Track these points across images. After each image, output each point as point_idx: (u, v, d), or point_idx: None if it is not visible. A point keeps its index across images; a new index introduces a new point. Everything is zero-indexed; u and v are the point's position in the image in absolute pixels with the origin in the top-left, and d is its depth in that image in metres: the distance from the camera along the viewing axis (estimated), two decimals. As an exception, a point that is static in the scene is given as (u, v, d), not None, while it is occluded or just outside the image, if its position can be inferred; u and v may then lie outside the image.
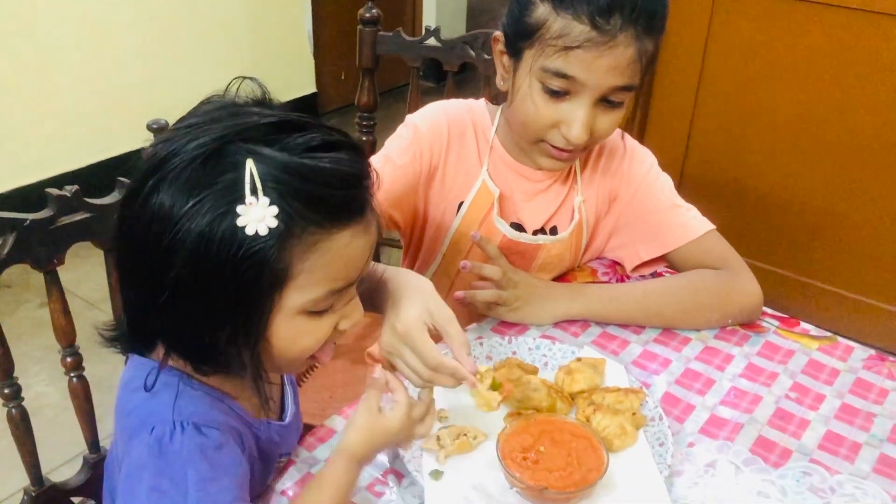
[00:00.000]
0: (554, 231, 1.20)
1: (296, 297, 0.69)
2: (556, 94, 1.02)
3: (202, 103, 0.72)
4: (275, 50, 3.48)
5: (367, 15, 1.58)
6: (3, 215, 0.94)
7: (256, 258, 0.65)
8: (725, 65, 2.33)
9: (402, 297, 0.88)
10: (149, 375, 0.73)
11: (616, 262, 1.27)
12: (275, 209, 0.64)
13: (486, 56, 1.54)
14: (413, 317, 0.86)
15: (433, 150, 1.15)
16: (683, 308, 1.12)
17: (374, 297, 0.93)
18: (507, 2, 1.06)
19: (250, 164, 0.64)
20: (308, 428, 0.94)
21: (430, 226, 1.21)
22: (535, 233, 1.19)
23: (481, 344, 1.04)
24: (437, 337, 0.89)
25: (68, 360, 1.07)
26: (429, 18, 4.12)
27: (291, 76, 3.62)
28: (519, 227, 1.18)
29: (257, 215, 0.64)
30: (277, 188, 0.65)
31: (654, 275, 1.22)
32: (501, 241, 1.17)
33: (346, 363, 1.36)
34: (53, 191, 0.97)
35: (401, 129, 1.17)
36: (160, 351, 0.75)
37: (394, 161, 1.14)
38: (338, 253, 0.69)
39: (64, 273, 1.03)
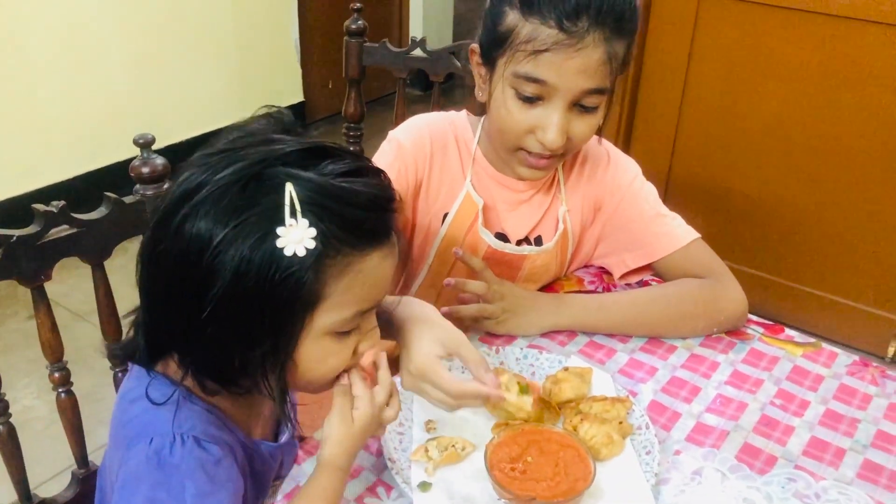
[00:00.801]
0: (539, 241, 1.21)
1: (326, 317, 0.71)
2: (529, 100, 1.03)
3: (226, 131, 0.73)
4: (262, 59, 3.49)
5: (354, 26, 1.59)
6: (-10, 231, 0.95)
7: (293, 279, 0.67)
8: (710, 72, 2.35)
9: (411, 334, 0.89)
10: (149, 386, 0.74)
11: (602, 272, 1.28)
12: (313, 231, 0.67)
13: (472, 66, 1.55)
14: (424, 353, 0.87)
15: (417, 164, 1.16)
16: (670, 317, 1.13)
17: (380, 329, 0.95)
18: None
19: (290, 188, 0.66)
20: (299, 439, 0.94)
21: (416, 237, 1.22)
22: (518, 243, 1.20)
23: (469, 354, 1.04)
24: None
25: (56, 375, 1.07)
26: (415, 28, 4.13)
27: (279, 85, 3.62)
28: (503, 238, 1.19)
29: (297, 237, 0.66)
30: (315, 210, 0.67)
31: (641, 283, 1.23)
32: (486, 251, 1.18)
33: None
34: (40, 206, 0.97)
35: (384, 146, 1.18)
36: (166, 365, 0.76)
37: None
38: (368, 274, 0.72)
39: (51, 284, 1.03)
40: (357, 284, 0.71)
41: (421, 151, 1.16)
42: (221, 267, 0.66)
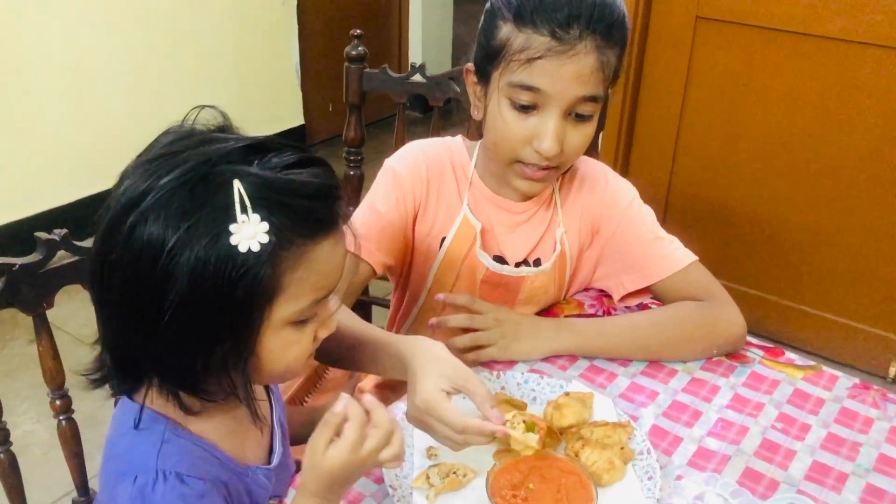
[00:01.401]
0: (538, 263, 1.21)
1: (284, 309, 0.72)
2: (524, 109, 1.04)
3: (162, 135, 0.73)
4: (263, 83, 3.51)
5: (354, 52, 1.60)
6: (-9, 260, 0.95)
7: (251, 275, 0.67)
8: (707, 94, 2.36)
9: (418, 370, 0.90)
10: (130, 414, 0.75)
11: (602, 295, 1.29)
12: (266, 225, 0.67)
13: (471, 91, 1.56)
14: (430, 389, 0.87)
15: (414, 191, 1.17)
16: (669, 340, 1.14)
17: (388, 366, 0.97)
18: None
19: (237, 185, 0.67)
20: (297, 465, 0.94)
21: (416, 263, 1.23)
22: (517, 265, 1.20)
23: (470, 379, 1.04)
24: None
25: (57, 402, 1.07)
26: (414, 52, 4.16)
27: (279, 109, 3.64)
28: (501, 260, 1.20)
29: (249, 233, 0.67)
30: (265, 204, 0.67)
31: (641, 306, 1.23)
32: (484, 273, 1.19)
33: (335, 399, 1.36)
34: (42, 235, 0.98)
35: (380, 176, 1.20)
36: (149, 396, 0.76)
37: (378, 210, 1.16)
38: (322, 262, 0.73)
39: (52, 310, 1.03)
40: (312, 273, 0.72)
41: (417, 178, 1.17)
42: (177, 270, 0.66)
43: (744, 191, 2.39)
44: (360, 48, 1.60)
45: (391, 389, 1.24)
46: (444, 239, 1.19)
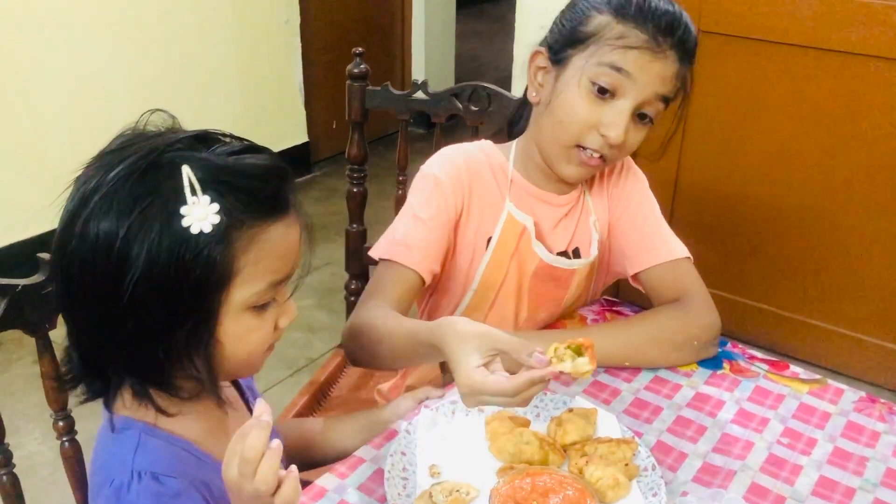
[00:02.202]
0: (577, 252, 1.24)
1: (241, 292, 0.73)
2: (602, 93, 1.09)
3: (115, 138, 0.76)
4: (267, 101, 3.53)
5: (356, 70, 1.61)
6: (-5, 281, 0.95)
7: (204, 256, 0.69)
8: (710, 107, 2.36)
9: (451, 357, 0.91)
10: (113, 420, 0.77)
11: (605, 310, 1.29)
12: (216, 206, 0.69)
13: (473, 107, 1.57)
14: (467, 372, 0.88)
15: (456, 195, 1.19)
16: (648, 334, 1.15)
17: (427, 355, 0.99)
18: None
19: (186, 169, 0.69)
20: (303, 484, 0.93)
21: (459, 265, 1.23)
22: (559, 254, 1.23)
23: (473, 396, 1.04)
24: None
25: (60, 424, 1.06)
26: (418, 69, 4.19)
27: (283, 126, 3.66)
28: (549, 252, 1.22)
29: (200, 214, 0.68)
30: (214, 186, 0.70)
31: (636, 311, 1.25)
32: (537, 266, 1.21)
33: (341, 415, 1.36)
34: (45, 255, 0.98)
35: (419, 182, 1.20)
36: (122, 400, 0.77)
37: (421, 217, 1.17)
38: (275, 244, 0.74)
39: (54, 331, 1.03)
40: (266, 255, 0.73)
41: (458, 181, 1.19)
42: (132, 256, 0.68)
43: (748, 204, 2.39)
44: (361, 66, 1.61)
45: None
46: (490, 239, 1.20)
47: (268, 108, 3.54)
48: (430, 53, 4.18)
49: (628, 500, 0.89)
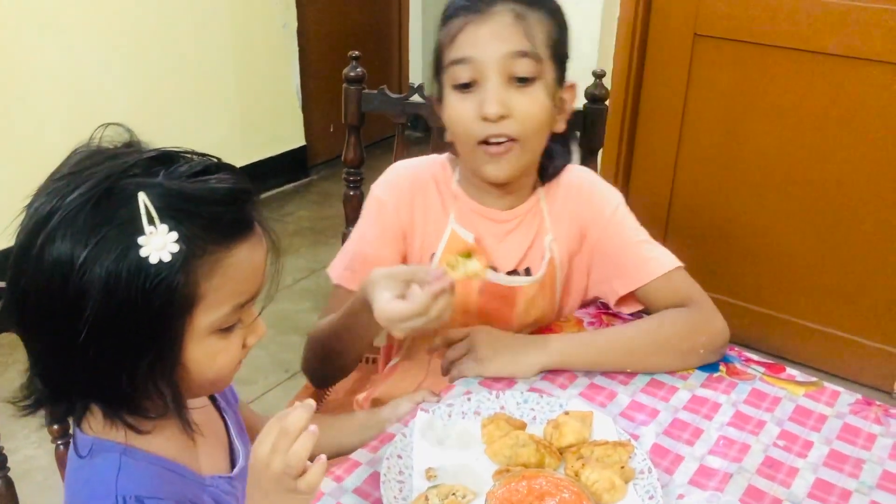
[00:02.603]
0: (528, 272, 1.22)
1: (205, 317, 0.72)
2: (466, 87, 1.09)
3: (71, 155, 0.74)
4: (264, 105, 3.53)
5: (352, 74, 1.61)
6: (-9, 284, 0.95)
7: (164, 285, 0.67)
8: (707, 111, 2.37)
9: (370, 300, 1.01)
10: (81, 444, 0.75)
11: (601, 312, 1.28)
12: (174, 234, 0.68)
13: (469, 111, 1.57)
14: (380, 305, 0.98)
15: (400, 214, 1.20)
16: (654, 340, 1.15)
17: (367, 321, 1.05)
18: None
19: (142, 196, 0.67)
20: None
21: None
22: (508, 273, 1.21)
23: (469, 399, 1.04)
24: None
25: (55, 427, 1.06)
26: (415, 73, 4.19)
27: (280, 130, 3.66)
28: (493, 270, 1.21)
29: (159, 243, 0.67)
30: (172, 214, 0.68)
31: (635, 315, 1.24)
32: (481, 284, 1.19)
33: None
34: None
35: (366, 203, 1.24)
36: (90, 421, 0.76)
37: (367, 239, 1.21)
38: (239, 268, 0.72)
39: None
40: (229, 280, 0.72)
41: (402, 200, 1.21)
42: (89, 287, 0.66)
43: (744, 206, 2.39)
44: (358, 69, 1.61)
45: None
46: (433, 255, 1.20)
47: (265, 112, 3.55)
48: (426, 57, 4.18)
49: (625, 503, 0.89)
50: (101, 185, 0.68)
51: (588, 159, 1.55)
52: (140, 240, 0.67)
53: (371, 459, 0.96)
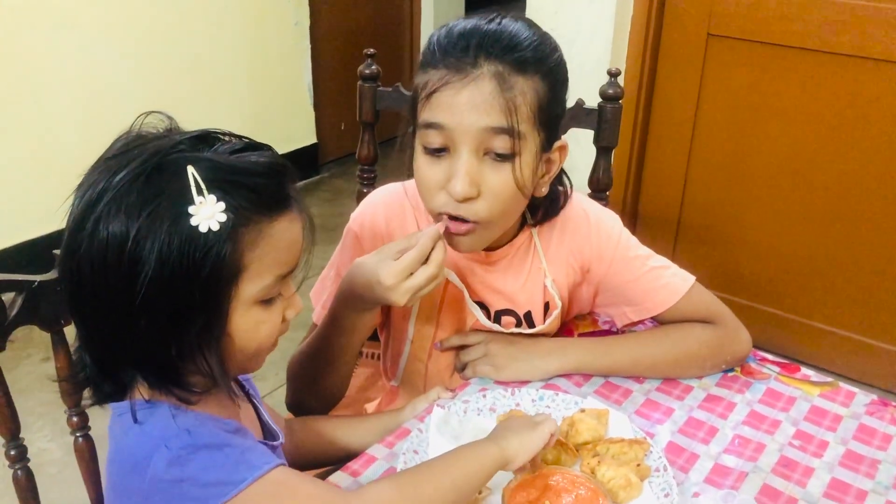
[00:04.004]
0: (528, 316, 1.16)
1: (250, 286, 0.75)
2: (436, 153, 0.98)
3: (114, 143, 0.77)
4: (276, 103, 3.54)
5: (367, 71, 1.61)
6: (11, 277, 0.96)
7: (213, 253, 0.71)
8: (719, 113, 2.36)
9: (370, 280, 0.99)
10: (133, 411, 0.76)
11: (616, 311, 1.28)
12: (222, 205, 0.71)
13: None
14: (387, 272, 0.97)
15: (376, 246, 1.10)
16: (676, 358, 1.13)
17: (355, 313, 1.06)
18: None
19: (191, 169, 0.71)
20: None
21: (394, 317, 1.20)
22: (499, 312, 1.16)
23: (484, 396, 1.04)
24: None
25: (74, 419, 1.07)
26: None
27: (292, 128, 3.67)
28: (482, 306, 1.15)
29: (207, 213, 0.70)
30: (219, 185, 0.71)
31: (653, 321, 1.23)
32: (475, 324, 1.15)
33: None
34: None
35: (343, 239, 1.19)
36: (139, 391, 0.78)
37: (342, 275, 1.10)
38: (280, 239, 0.76)
39: (69, 326, 1.03)
40: (272, 250, 0.75)
41: (377, 234, 1.15)
42: (144, 256, 0.69)
43: (757, 207, 2.39)
44: (373, 67, 1.61)
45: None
46: None
47: (277, 110, 3.55)
48: (438, 55, 4.19)
49: (640, 501, 0.89)
50: (151, 161, 0.71)
51: (602, 157, 1.55)
52: (190, 209, 0.70)
53: (387, 454, 0.97)
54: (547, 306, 1.17)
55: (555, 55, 1.01)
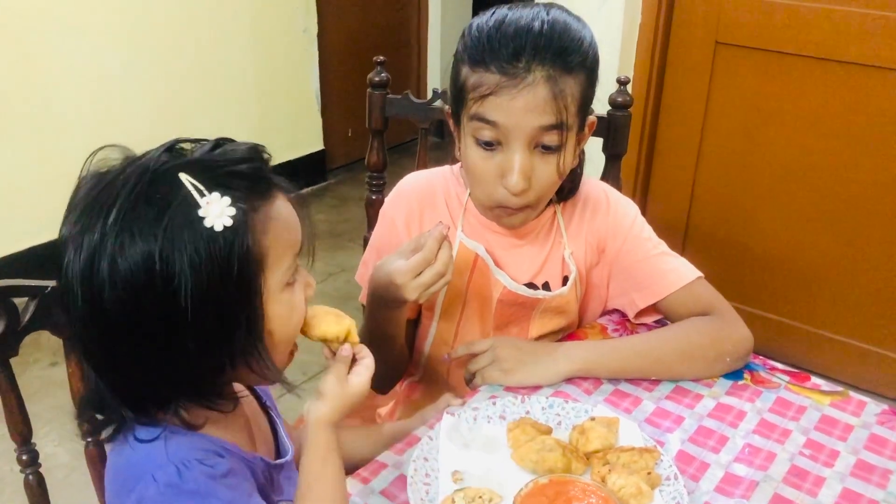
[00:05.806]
0: (546, 286, 1.22)
1: (275, 272, 0.75)
2: (488, 146, 1.06)
3: (78, 187, 0.73)
4: (284, 109, 3.55)
5: (377, 79, 1.62)
6: (25, 283, 0.96)
7: (238, 246, 0.70)
8: (727, 120, 2.36)
9: (389, 282, 1.06)
10: (134, 430, 0.75)
11: (625, 319, 1.28)
12: (227, 199, 0.70)
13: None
14: (398, 271, 1.05)
15: (409, 228, 1.22)
16: (680, 349, 1.15)
17: (386, 315, 1.13)
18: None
19: (183, 175, 0.70)
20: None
21: (423, 315, 1.26)
22: (526, 285, 1.21)
23: (494, 403, 1.04)
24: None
25: (85, 426, 1.07)
26: (433, 78, 4.21)
27: (299, 134, 3.68)
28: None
29: (217, 211, 0.70)
30: (216, 182, 0.71)
31: (659, 323, 1.24)
32: (502, 292, 1.20)
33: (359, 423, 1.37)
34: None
35: (378, 222, 1.26)
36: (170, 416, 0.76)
37: (382, 253, 1.19)
38: (284, 218, 0.76)
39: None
40: (282, 230, 0.76)
41: (409, 214, 1.22)
42: (176, 271, 0.68)
43: (765, 215, 2.38)
44: (382, 74, 1.62)
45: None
46: None
47: (284, 117, 3.57)
48: (446, 61, 4.19)
49: (651, 509, 0.89)
50: (142, 180, 0.70)
51: (612, 165, 1.55)
52: (200, 212, 0.69)
53: (397, 462, 0.97)
54: (566, 280, 1.22)
55: (593, 49, 1.07)
